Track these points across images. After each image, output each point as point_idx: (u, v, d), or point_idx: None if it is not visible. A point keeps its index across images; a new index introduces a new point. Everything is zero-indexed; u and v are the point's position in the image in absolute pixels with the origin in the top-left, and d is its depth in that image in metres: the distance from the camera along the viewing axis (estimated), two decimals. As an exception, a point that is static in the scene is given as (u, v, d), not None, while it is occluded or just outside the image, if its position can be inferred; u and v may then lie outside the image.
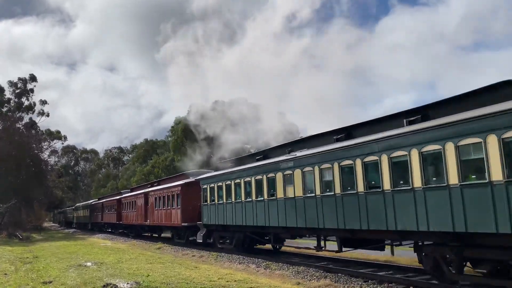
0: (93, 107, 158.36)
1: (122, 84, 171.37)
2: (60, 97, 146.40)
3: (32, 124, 58.56)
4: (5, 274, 13.63)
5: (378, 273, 12.11)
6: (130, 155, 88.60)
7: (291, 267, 14.38)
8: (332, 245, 14.11)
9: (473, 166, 8.69)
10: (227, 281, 10.60)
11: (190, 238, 23.98)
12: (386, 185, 10.54)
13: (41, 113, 62.61)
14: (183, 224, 23.34)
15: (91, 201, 56.40)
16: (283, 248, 19.48)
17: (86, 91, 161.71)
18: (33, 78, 61.38)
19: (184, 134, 49.25)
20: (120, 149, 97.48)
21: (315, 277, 12.56)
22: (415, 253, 10.98)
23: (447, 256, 9.62)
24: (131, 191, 38.04)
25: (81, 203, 64.89)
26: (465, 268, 9.77)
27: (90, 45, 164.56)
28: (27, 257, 19.16)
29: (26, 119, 59.51)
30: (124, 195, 39.14)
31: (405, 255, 15.11)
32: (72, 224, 68.01)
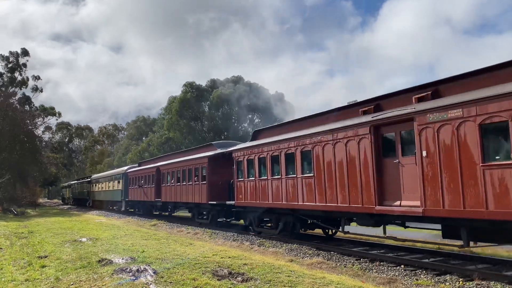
0: (97, 86, 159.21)
1: (128, 63, 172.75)
2: (65, 75, 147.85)
3: (26, 100, 58.00)
4: (0, 248, 13.71)
5: (370, 252, 12.31)
6: (125, 132, 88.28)
7: (284, 245, 14.58)
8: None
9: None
10: (222, 258, 10.73)
11: None
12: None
13: (35, 89, 62.04)
14: None
15: (126, 167, 37.56)
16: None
17: (91, 69, 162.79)
18: (25, 53, 60.49)
19: (179, 112, 48.96)
20: (115, 126, 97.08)
21: (308, 255, 12.75)
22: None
23: None
24: (263, 136, 17.29)
25: (107, 172, 47.42)
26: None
27: (99, 24, 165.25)
28: (22, 232, 19.23)
29: (19, 94, 58.96)
30: (239, 146, 18.59)
31: (396, 234, 15.33)
32: (87, 203, 52.03)
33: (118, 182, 37.13)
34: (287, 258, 12.15)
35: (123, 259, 10.22)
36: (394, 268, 10.43)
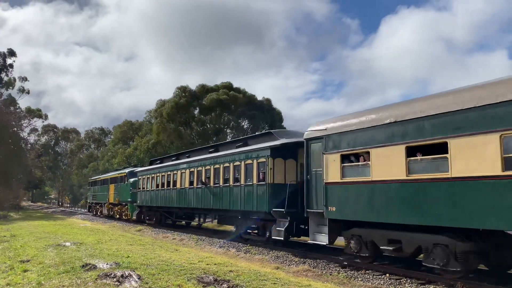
0: (102, 91, 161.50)
1: (136, 72, 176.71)
2: (76, 81, 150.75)
3: (11, 101, 57.12)
4: (-19, 252, 13.44)
5: (356, 260, 12.36)
6: (112, 136, 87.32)
7: (270, 252, 14.57)
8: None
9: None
10: (207, 264, 10.67)
11: None
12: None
13: (22, 90, 61.17)
14: None
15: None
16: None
17: (100, 76, 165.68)
18: (11, 53, 59.63)
19: (171, 116, 48.50)
20: (102, 130, 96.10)
21: (294, 262, 12.76)
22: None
23: None
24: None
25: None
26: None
27: (115, 33, 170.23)
28: (4, 236, 18.90)
29: (5, 95, 57.99)
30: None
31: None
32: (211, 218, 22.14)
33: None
34: (273, 266, 12.14)
35: (107, 264, 10.10)
36: (379, 276, 10.49)
